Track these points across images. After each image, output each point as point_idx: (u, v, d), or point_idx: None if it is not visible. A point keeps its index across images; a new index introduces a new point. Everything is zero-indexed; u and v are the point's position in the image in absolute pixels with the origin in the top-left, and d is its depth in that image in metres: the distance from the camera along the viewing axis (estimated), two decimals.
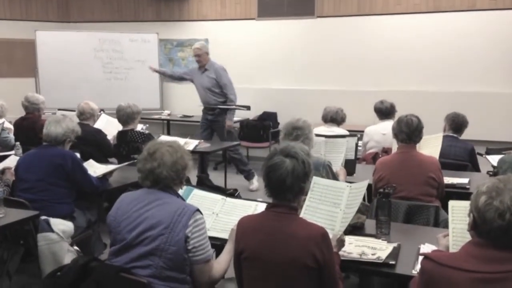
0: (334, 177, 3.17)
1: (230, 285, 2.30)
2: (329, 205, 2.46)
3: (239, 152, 6.07)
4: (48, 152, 3.40)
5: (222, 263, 2.24)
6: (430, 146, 3.74)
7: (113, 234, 2.21)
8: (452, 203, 2.28)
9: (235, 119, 6.32)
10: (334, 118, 4.66)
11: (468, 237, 1.98)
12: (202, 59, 5.99)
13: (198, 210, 2.17)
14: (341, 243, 2.20)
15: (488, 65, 6.20)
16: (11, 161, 3.80)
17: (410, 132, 3.25)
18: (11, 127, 5.18)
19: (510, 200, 1.56)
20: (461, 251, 1.69)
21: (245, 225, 2.08)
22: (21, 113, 5.16)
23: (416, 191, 3.12)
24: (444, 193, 3.27)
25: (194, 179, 3.52)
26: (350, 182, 2.58)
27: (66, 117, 3.63)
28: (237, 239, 2.09)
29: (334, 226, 2.35)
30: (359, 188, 2.52)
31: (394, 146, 3.80)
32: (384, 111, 4.61)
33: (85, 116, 4.63)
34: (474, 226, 1.66)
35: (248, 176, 6.10)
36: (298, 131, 3.10)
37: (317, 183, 2.49)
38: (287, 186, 1.97)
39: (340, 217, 2.40)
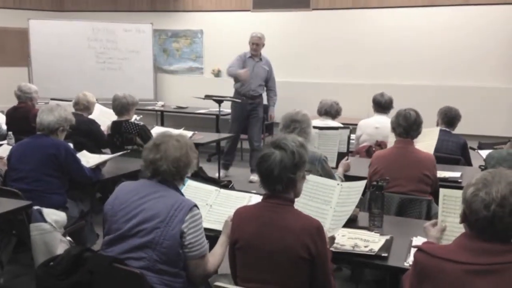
0: (329, 173, 3.16)
1: (224, 281, 2.30)
2: (319, 202, 2.48)
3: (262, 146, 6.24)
4: (41, 142, 3.36)
5: (217, 256, 2.24)
6: (426, 139, 3.74)
7: (108, 222, 2.20)
8: (443, 192, 2.27)
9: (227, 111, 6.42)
10: (328, 111, 4.65)
11: (457, 230, 2.00)
12: (259, 49, 6.11)
13: (195, 205, 2.16)
14: (332, 240, 2.22)
15: (482, 60, 6.22)
16: (3, 150, 3.78)
17: (407, 126, 3.23)
18: (3, 116, 5.15)
19: (496, 192, 1.59)
20: (453, 243, 1.71)
21: (241, 215, 2.09)
22: (13, 102, 5.13)
23: (410, 187, 3.12)
24: (437, 187, 3.28)
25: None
26: (346, 177, 2.59)
27: (59, 105, 3.60)
28: (232, 229, 2.11)
29: (324, 223, 2.35)
30: (353, 187, 2.53)
31: (390, 139, 3.81)
32: (383, 105, 4.58)
33: (79, 107, 4.60)
34: (464, 218, 1.68)
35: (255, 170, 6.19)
36: (296, 124, 3.09)
37: (308, 180, 2.49)
38: (274, 177, 1.97)
39: (330, 214, 2.42)
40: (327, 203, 2.47)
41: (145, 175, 2.26)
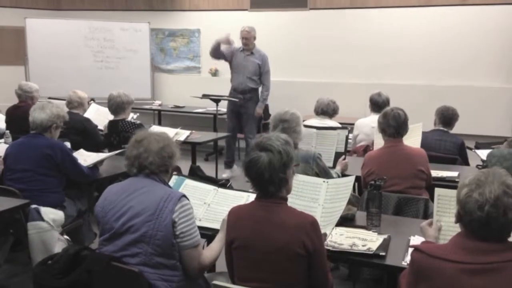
0: (325, 169, 3.17)
1: (221, 279, 2.31)
2: (306, 201, 2.50)
3: None
4: (36, 142, 3.34)
5: (213, 250, 2.25)
6: (411, 136, 3.75)
7: (101, 224, 2.22)
8: (438, 191, 2.29)
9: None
10: (325, 110, 4.64)
11: (453, 230, 2.01)
12: (249, 43, 6.07)
13: (184, 195, 2.18)
14: (323, 237, 2.22)
15: (478, 60, 6.25)
16: (1, 149, 3.77)
17: (398, 126, 3.24)
18: (1, 115, 5.13)
19: (489, 193, 1.59)
20: (449, 243, 1.72)
21: (236, 215, 2.10)
22: (10, 101, 5.11)
23: (405, 184, 3.14)
24: (431, 182, 3.30)
25: (185, 170, 3.52)
26: (344, 175, 2.60)
27: (50, 103, 3.58)
28: (228, 229, 2.11)
29: None
30: (341, 183, 2.54)
31: (377, 141, 3.81)
32: (380, 104, 4.56)
33: (73, 105, 4.59)
34: (459, 218, 1.69)
35: None
36: (285, 124, 3.09)
37: (294, 179, 2.50)
38: (266, 179, 1.98)
39: (319, 211, 2.45)
40: (315, 200, 2.50)
41: (131, 172, 2.28)
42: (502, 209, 1.58)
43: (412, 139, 3.75)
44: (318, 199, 2.49)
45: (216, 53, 6.12)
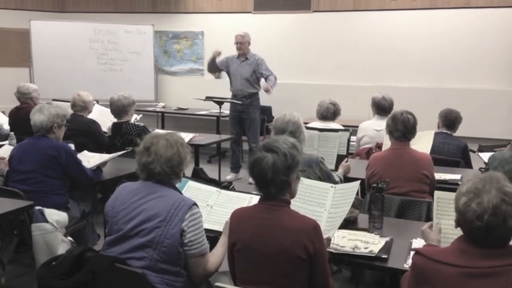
0: (328, 173, 3.16)
1: (224, 279, 2.31)
2: (313, 205, 2.50)
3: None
4: (41, 144, 3.36)
5: (217, 256, 2.25)
6: (422, 142, 3.75)
7: (109, 223, 2.22)
8: (438, 194, 2.29)
9: (226, 111, 6.42)
10: (324, 115, 4.54)
11: (452, 232, 2.01)
12: (243, 47, 6.11)
13: (195, 204, 2.17)
14: (328, 241, 2.22)
15: (482, 62, 6.24)
16: (5, 151, 3.79)
17: (406, 130, 3.25)
18: (5, 117, 5.15)
19: (488, 202, 1.59)
20: (451, 246, 1.73)
21: (238, 217, 2.11)
22: (14, 102, 5.13)
23: (409, 187, 3.14)
24: (435, 187, 3.29)
25: (188, 171, 3.52)
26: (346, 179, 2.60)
27: (49, 103, 3.57)
28: (230, 231, 2.12)
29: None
30: (347, 188, 2.54)
31: (385, 142, 3.82)
32: (386, 108, 4.51)
33: (77, 108, 4.58)
34: (459, 225, 1.69)
35: None
36: (289, 136, 3.06)
37: (301, 183, 2.51)
38: (268, 180, 1.98)
39: (325, 216, 2.45)
40: (322, 205, 2.50)
41: (141, 177, 2.27)
42: (501, 217, 1.58)
43: (422, 145, 3.74)
44: (325, 204, 2.49)
45: (212, 67, 6.30)
